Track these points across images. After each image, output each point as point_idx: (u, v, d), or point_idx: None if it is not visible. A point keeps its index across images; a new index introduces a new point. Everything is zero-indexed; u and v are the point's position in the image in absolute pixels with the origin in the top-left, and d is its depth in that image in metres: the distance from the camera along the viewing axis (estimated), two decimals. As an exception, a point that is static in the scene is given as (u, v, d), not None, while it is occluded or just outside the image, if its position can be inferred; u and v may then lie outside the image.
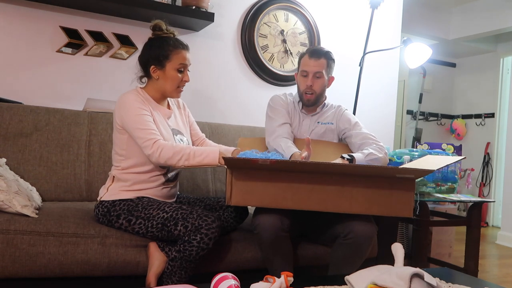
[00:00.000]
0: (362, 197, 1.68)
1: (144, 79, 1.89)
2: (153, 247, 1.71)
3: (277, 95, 2.16)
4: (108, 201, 1.76)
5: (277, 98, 2.14)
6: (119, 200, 1.75)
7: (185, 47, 1.84)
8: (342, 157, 1.87)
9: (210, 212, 1.68)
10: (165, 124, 1.84)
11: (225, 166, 1.66)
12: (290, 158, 1.86)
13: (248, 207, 1.98)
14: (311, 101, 2.08)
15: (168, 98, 1.95)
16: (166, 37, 1.83)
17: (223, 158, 1.60)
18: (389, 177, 1.70)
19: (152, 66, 1.81)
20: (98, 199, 1.81)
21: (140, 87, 1.88)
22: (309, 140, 1.79)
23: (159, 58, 1.80)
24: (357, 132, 2.07)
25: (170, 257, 1.64)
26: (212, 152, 1.71)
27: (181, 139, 1.90)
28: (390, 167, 1.80)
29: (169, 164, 1.75)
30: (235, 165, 1.63)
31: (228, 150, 1.98)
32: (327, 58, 2.04)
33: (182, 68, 1.83)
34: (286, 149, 1.91)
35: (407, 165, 2.12)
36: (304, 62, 2.04)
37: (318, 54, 2.02)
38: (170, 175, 1.86)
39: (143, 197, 1.78)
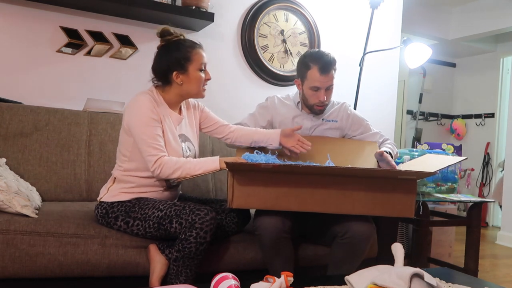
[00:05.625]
0: (364, 198, 1.68)
1: (159, 82, 1.81)
2: (153, 250, 1.70)
3: (275, 97, 2.16)
4: (107, 202, 1.75)
5: (271, 103, 2.15)
6: (118, 202, 1.74)
7: (200, 46, 1.81)
8: (386, 151, 1.94)
9: (203, 205, 1.66)
10: (174, 131, 1.80)
11: (226, 169, 1.66)
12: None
13: (250, 210, 1.98)
14: (323, 111, 2.11)
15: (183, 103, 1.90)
16: (179, 39, 1.79)
17: (225, 162, 1.60)
18: (391, 178, 1.70)
19: (175, 72, 1.75)
20: (98, 199, 1.80)
21: (157, 89, 1.81)
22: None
23: (180, 62, 1.75)
24: (373, 133, 2.16)
25: (172, 258, 1.63)
26: (212, 162, 1.71)
27: (188, 147, 1.86)
28: (392, 170, 1.80)
29: (170, 179, 1.74)
30: (236, 169, 1.63)
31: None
32: (334, 66, 1.99)
33: (203, 67, 1.80)
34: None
35: (407, 165, 2.13)
36: (315, 77, 1.96)
37: (328, 68, 1.95)
38: (172, 181, 1.83)
39: (141, 198, 1.76)
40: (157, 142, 1.70)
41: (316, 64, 1.96)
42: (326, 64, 1.95)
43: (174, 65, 1.76)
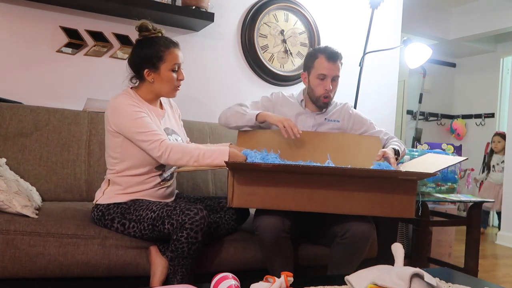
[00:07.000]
0: (363, 198, 1.68)
1: (135, 80, 1.83)
2: (154, 252, 1.70)
3: (281, 93, 2.16)
4: (103, 204, 1.75)
5: (276, 97, 2.15)
6: (114, 203, 1.74)
7: (176, 45, 1.79)
8: (394, 149, 1.92)
9: (194, 204, 1.64)
10: (159, 125, 1.80)
11: (226, 168, 1.66)
12: (257, 116, 1.93)
13: (249, 208, 1.98)
14: (328, 104, 2.11)
15: (161, 98, 1.91)
16: (155, 37, 1.77)
17: (225, 162, 1.59)
18: (391, 178, 1.70)
19: (146, 70, 1.75)
20: (94, 202, 1.79)
21: (131, 88, 1.82)
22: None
23: (152, 60, 1.74)
24: (377, 131, 2.15)
25: (169, 258, 1.64)
26: (221, 153, 1.68)
27: (175, 139, 1.87)
28: (392, 171, 1.80)
29: (178, 165, 1.73)
30: (237, 168, 1.63)
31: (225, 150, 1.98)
32: (341, 59, 2.04)
33: (176, 67, 1.78)
34: (248, 111, 1.99)
35: (407, 165, 2.13)
36: (322, 65, 2.00)
37: (335, 57, 2.01)
38: (165, 174, 1.83)
39: (137, 200, 1.76)
40: (152, 129, 1.69)
41: (324, 53, 2.02)
42: (333, 54, 2.01)
43: (146, 62, 1.75)
